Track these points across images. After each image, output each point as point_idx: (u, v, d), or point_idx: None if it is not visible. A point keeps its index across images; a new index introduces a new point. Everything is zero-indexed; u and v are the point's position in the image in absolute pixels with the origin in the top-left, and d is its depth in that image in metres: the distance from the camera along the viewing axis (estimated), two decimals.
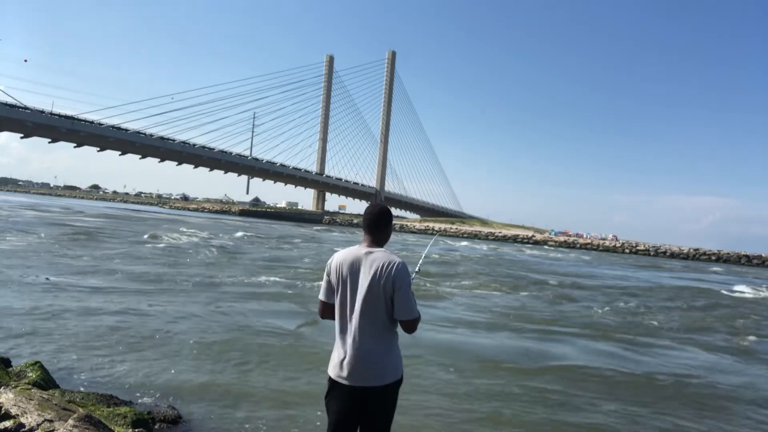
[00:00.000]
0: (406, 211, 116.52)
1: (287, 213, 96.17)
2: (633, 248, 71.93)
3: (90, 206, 73.87)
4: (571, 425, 5.96)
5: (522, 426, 5.83)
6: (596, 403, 6.75)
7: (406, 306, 2.92)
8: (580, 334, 11.25)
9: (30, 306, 9.27)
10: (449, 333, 10.32)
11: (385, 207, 3.15)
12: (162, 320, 9.20)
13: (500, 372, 7.82)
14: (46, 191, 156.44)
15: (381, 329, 2.93)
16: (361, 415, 2.94)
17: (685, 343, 11.29)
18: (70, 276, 13.03)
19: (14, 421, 3.45)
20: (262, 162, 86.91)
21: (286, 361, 7.51)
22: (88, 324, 8.44)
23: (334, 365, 2.97)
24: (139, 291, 11.82)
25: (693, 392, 7.62)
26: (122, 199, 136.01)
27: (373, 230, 3.05)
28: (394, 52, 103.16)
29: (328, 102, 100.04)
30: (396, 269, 2.89)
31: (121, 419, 4.23)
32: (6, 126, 60.13)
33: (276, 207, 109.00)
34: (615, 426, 6.04)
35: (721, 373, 8.91)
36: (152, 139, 71.27)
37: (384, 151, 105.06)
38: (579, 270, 31.37)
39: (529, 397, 6.78)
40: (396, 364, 2.98)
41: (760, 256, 67.03)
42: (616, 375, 8.19)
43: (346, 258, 3.00)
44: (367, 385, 2.89)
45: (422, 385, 6.81)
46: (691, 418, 6.51)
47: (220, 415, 5.41)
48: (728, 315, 16.02)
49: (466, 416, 5.96)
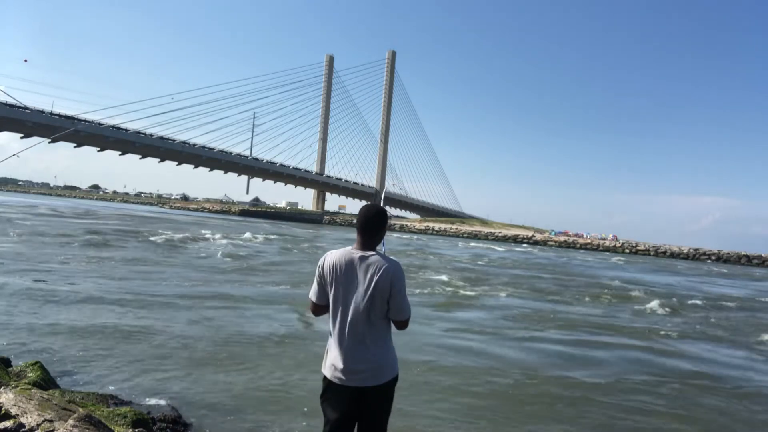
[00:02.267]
0: (406, 211, 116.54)
1: (287, 213, 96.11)
2: (633, 248, 71.89)
3: (96, 206, 73.78)
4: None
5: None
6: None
7: (402, 308, 2.95)
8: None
9: (32, 306, 9.27)
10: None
11: (381, 208, 3.10)
12: (163, 323, 9.19)
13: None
14: (46, 191, 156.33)
15: (377, 330, 2.94)
16: (359, 414, 2.95)
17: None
18: (106, 282, 13.02)
19: (14, 421, 3.45)
20: (262, 162, 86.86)
21: (291, 362, 7.51)
22: (88, 324, 8.44)
23: (330, 365, 2.97)
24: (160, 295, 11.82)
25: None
26: (122, 200, 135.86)
27: (368, 231, 3.01)
28: (394, 52, 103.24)
29: (328, 102, 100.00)
30: (392, 272, 2.90)
31: (121, 419, 4.23)
32: (6, 126, 60.04)
33: (276, 207, 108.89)
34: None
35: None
36: (152, 139, 71.17)
37: (384, 151, 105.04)
38: (630, 275, 29.97)
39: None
40: (392, 363, 3.00)
41: (760, 256, 67.04)
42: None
43: (340, 259, 2.97)
44: (365, 385, 2.90)
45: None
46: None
47: (220, 416, 5.41)
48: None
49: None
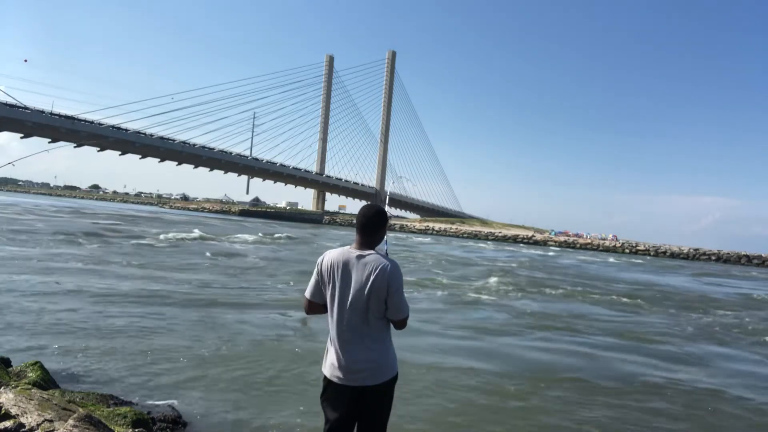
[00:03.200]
0: (406, 211, 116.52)
1: (287, 213, 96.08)
2: (633, 248, 71.86)
3: (96, 207, 73.78)
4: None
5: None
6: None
7: (400, 307, 2.94)
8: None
9: (32, 306, 9.27)
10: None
11: (381, 208, 3.09)
12: (168, 323, 9.19)
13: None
14: (46, 191, 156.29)
15: (376, 329, 2.94)
16: (359, 413, 2.95)
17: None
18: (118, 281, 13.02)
19: (14, 421, 3.44)
20: (262, 162, 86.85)
21: (291, 361, 7.51)
22: (89, 323, 8.44)
23: (330, 365, 2.97)
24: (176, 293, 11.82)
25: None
26: (122, 200, 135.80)
27: (367, 232, 3.01)
28: (394, 52, 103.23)
29: (328, 102, 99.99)
30: (390, 271, 2.89)
31: (121, 419, 4.22)
32: (6, 126, 60.04)
33: (276, 207, 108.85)
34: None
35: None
36: (152, 139, 71.17)
37: (384, 151, 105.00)
38: (634, 277, 29.44)
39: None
40: (392, 362, 3.00)
41: (760, 256, 67.01)
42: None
43: (338, 259, 2.96)
44: (364, 384, 2.90)
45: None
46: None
47: (220, 415, 5.40)
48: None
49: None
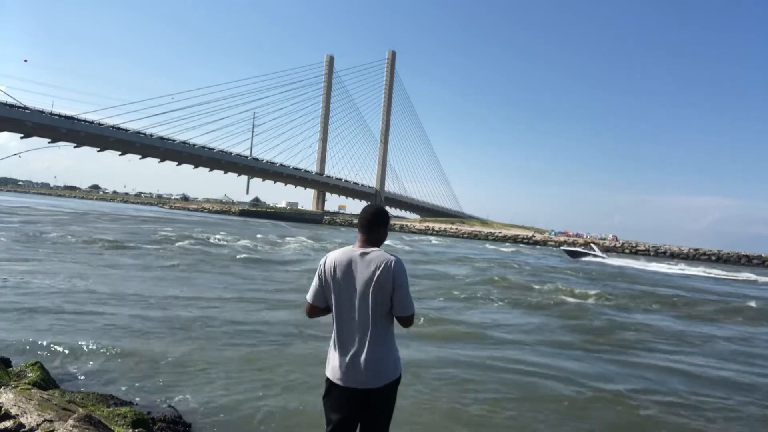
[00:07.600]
0: (406, 211, 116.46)
1: (287, 213, 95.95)
2: (633, 248, 71.84)
3: (97, 207, 73.71)
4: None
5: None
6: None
7: (405, 303, 2.94)
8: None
9: (32, 306, 9.27)
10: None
11: (383, 207, 3.13)
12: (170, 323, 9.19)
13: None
14: (46, 191, 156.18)
15: (380, 329, 2.93)
16: (361, 415, 2.94)
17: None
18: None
19: (14, 421, 3.44)
20: (262, 162, 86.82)
21: (292, 363, 7.51)
22: (89, 324, 8.44)
23: (333, 367, 2.95)
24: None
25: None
26: (122, 200, 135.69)
27: (369, 231, 3.03)
28: (394, 52, 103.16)
29: (328, 102, 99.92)
30: (394, 267, 2.89)
31: (121, 419, 4.22)
32: (6, 126, 60.04)
33: (276, 207, 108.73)
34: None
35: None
36: (152, 139, 71.15)
37: (384, 151, 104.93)
38: (669, 281, 28.98)
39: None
40: (395, 364, 2.99)
41: (760, 256, 66.94)
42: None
43: (341, 259, 2.96)
44: (366, 387, 2.89)
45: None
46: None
47: (220, 416, 5.40)
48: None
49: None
